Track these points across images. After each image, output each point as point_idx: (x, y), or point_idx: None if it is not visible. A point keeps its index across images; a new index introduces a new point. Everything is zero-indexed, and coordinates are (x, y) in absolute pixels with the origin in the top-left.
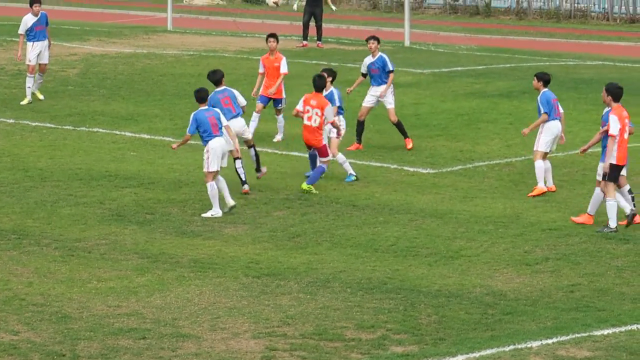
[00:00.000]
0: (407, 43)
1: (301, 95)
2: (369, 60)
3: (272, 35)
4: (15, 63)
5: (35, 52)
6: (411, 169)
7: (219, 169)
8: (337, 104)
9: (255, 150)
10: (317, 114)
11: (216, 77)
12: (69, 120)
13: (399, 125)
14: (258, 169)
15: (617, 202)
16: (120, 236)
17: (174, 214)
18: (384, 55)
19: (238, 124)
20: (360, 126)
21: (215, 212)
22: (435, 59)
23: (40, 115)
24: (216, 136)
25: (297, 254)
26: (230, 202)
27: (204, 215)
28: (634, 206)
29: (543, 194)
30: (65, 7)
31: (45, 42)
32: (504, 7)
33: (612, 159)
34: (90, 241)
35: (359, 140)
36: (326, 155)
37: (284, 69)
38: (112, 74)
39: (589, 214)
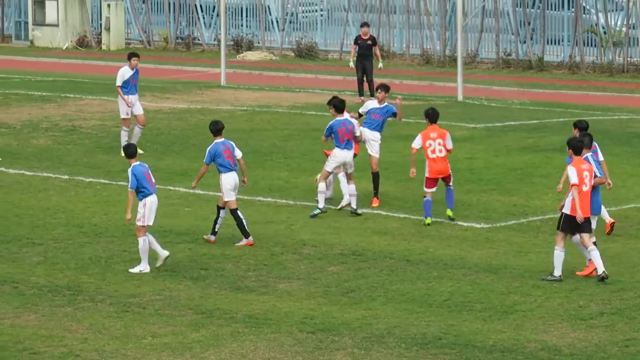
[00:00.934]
0: (460, 97)
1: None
2: (373, 104)
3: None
4: (70, 119)
5: (130, 105)
6: (465, 224)
7: (150, 224)
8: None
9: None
10: (439, 144)
11: (217, 127)
12: (123, 176)
13: (375, 178)
14: (247, 235)
15: (563, 252)
16: (174, 292)
17: (228, 269)
18: (392, 106)
19: (234, 178)
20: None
21: (144, 267)
22: (488, 114)
23: (95, 171)
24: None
25: (352, 309)
26: (164, 252)
27: (131, 270)
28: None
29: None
30: (118, 63)
31: (137, 95)
32: (557, 61)
33: (567, 208)
34: (145, 297)
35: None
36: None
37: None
38: (166, 130)
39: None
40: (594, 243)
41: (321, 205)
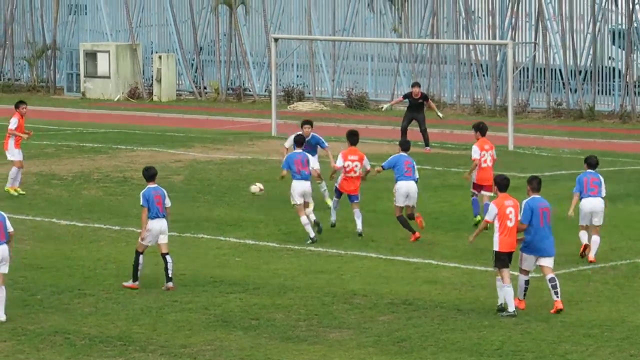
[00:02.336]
0: (510, 147)
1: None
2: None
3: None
4: (121, 170)
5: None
6: (516, 273)
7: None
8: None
9: (167, 260)
10: (490, 155)
11: (150, 173)
12: (174, 227)
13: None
14: (135, 279)
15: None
16: (225, 342)
17: (279, 319)
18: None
19: (162, 224)
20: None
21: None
22: (538, 163)
23: None
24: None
25: (403, 359)
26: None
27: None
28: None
29: None
30: (169, 114)
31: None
32: (608, 110)
33: (495, 245)
34: (196, 347)
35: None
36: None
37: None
38: (217, 180)
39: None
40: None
41: (312, 234)
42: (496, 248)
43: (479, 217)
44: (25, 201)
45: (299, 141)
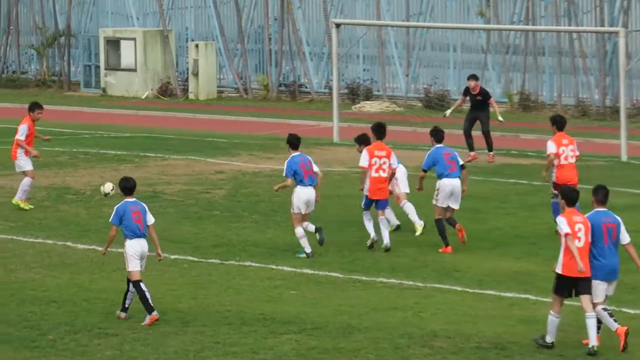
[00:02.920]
0: (624, 157)
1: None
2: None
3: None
4: (150, 183)
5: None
6: (631, 311)
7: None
8: None
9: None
10: (571, 150)
11: (129, 185)
12: (215, 253)
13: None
14: (150, 310)
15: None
16: None
17: None
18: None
19: (144, 246)
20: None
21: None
22: None
23: (181, 247)
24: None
25: None
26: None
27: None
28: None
29: None
30: (208, 115)
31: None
32: None
33: (559, 267)
34: None
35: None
36: None
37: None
38: (267, 196)
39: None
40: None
41: (307, 249)
42: (559, 270)
43: None
44: (34, 220)
45: (295, 143)
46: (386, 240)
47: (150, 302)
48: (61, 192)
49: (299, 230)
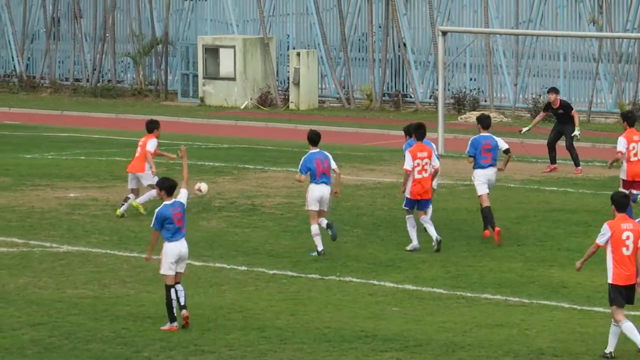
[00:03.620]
0: None
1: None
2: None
3: None
4: (249, 196)
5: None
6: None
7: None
8: None
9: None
10: None
11: (169, 185)
12: (315, 268)
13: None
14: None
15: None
16: None
17: None
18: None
19: (183, 247)
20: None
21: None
22: None
23: (280, 262)
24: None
25: None
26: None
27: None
28: None
29: None
30: (308, 125)
31: None
32: None
33: (610, 276)
34: None
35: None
36: None
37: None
38: (369, 210)
39: None
40: None
41: (319, 247)
42: (610, 280)
43: None
44: (130, 234)
45: (314, 139)
46: (434, 235)
47: (174, 311)
48: (157, 205)
49: (314, 228)
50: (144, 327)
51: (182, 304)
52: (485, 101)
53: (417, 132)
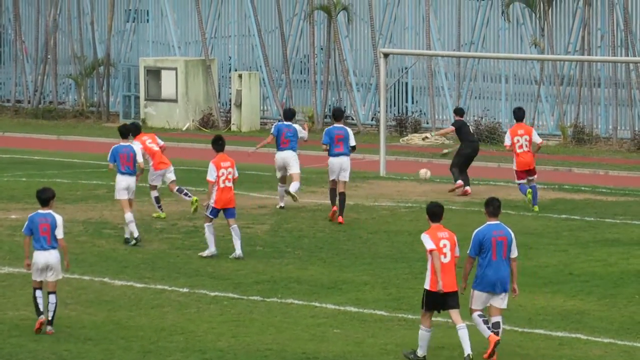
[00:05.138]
0: None
1: None
2: None
3: None
4: (191, 217)
5: None
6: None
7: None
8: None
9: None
10: None
11: (44, 196)
12: (257, 289)
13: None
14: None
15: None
16: None
17: None
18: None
19: (48, 257)
20: None
21: None
22: None
23: (221, 283)
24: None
25: None
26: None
27: None
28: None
29: None
30: (250, 147)
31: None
32: None
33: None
34: None
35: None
36: None
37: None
38: (311, 232)
39: None
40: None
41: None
42: (427, 286)
43: None
44: (71, 256)
45: (122, 131)
46: (238, 250)
47: (40, 307)
48: (98, 227)
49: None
50: (85, 348)
51: (50, 319)
52: (427, 123)
53: (214, 144)
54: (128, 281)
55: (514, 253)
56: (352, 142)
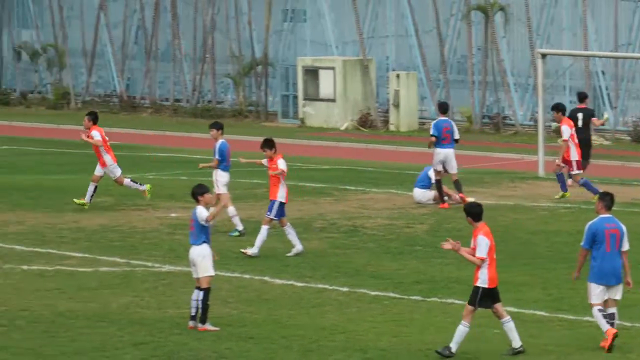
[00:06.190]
0: None
1: None
2: None
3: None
4: (350, 217)
5: None
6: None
7: None
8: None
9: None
10: None
11: (201, 191)
12: (417, 289)
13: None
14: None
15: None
16: None
17: None
18: None
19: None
20: None
21: None
22: None
23: (381, 283)
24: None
25: None
26: None
27: None
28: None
29: None
30: (409, 147)
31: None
32: None
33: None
34: None
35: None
36: None
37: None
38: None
39: None
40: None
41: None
42: (485, 285)
43: None
44: (231, 254)
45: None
46: None
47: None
48: (258, 226)
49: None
50: (246, 347)
51: (192, 314)
52: None
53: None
54: (288, 280)
55: (626, 246)
56: (457, 136)
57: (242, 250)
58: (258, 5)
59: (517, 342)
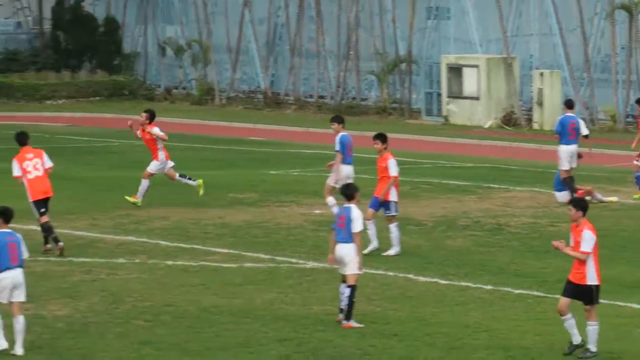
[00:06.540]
0: None
1: None
2: None
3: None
4: (494, 215)
5: None
6: None
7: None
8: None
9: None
10: None
11: (350, 191)
12: (561, 288)
13: None
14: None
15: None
16: None
17: None
18: None
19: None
20: None
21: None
22: None
23: (525, 281)
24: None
25: None
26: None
27: None
28: None
29: None
30: (552, 146)
31: None
32: None
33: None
34: None
35: None
36: None
37: (392, 171)
38: (614, 231)
39: None
40: None
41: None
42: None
43: None
44: (376, 252)
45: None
46: None
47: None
48: (402, 223)
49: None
50: (390, 344)
51: (341, 307)
52: None
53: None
54: (432, 277)
55: None
56: (585, 131)
57: (384, 254)
58: (402, 3)
59: (591, 345)
